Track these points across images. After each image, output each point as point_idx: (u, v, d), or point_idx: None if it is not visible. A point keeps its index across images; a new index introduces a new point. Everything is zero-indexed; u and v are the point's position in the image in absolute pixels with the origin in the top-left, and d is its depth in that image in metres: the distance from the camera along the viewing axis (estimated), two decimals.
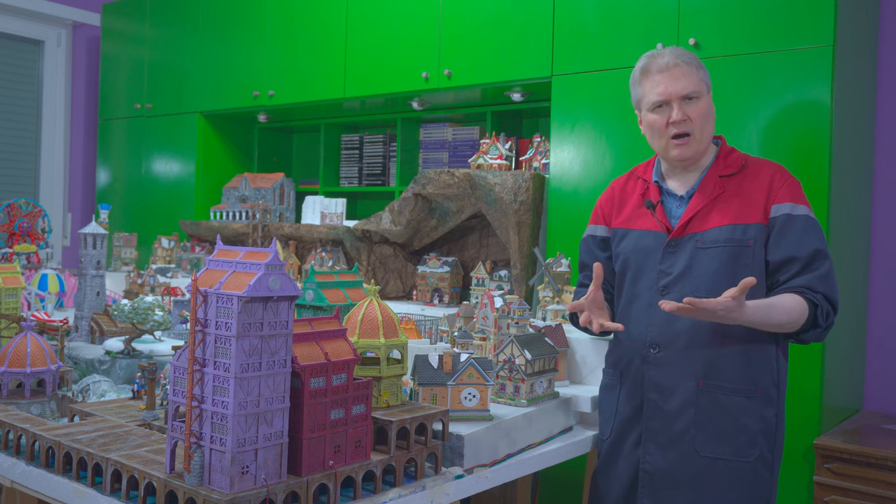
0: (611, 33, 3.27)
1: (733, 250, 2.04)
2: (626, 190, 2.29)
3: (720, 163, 2.15)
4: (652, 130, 2.16)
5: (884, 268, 3.25)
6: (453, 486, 1.72)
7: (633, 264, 2.18)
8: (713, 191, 2.10)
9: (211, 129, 4.96)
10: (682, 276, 2.08)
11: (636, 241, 2.18)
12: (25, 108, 5.59)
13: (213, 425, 1.36)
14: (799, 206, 2.05)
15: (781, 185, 2.07)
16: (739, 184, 2.10)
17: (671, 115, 2.09)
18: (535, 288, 2.86)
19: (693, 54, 2.15)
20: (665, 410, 2.08)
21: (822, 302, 1.99)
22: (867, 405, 3.25)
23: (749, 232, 2.04)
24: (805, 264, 2.01)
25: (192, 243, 4.63)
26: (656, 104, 2.12)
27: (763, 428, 2.06)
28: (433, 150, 4.42)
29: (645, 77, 2.15)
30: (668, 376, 2.08)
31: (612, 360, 2.24)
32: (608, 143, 3.26)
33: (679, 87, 2.09)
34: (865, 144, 3.20)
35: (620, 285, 2.24)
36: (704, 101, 2.11)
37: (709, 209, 2.09)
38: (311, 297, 1.92)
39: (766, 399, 2.07)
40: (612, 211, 2.29)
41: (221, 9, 4.79)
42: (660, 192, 2.19)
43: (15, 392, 1.96)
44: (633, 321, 2.16)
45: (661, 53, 2.15)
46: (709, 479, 2.04)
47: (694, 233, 2.09)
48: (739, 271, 2.03)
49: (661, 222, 2.14)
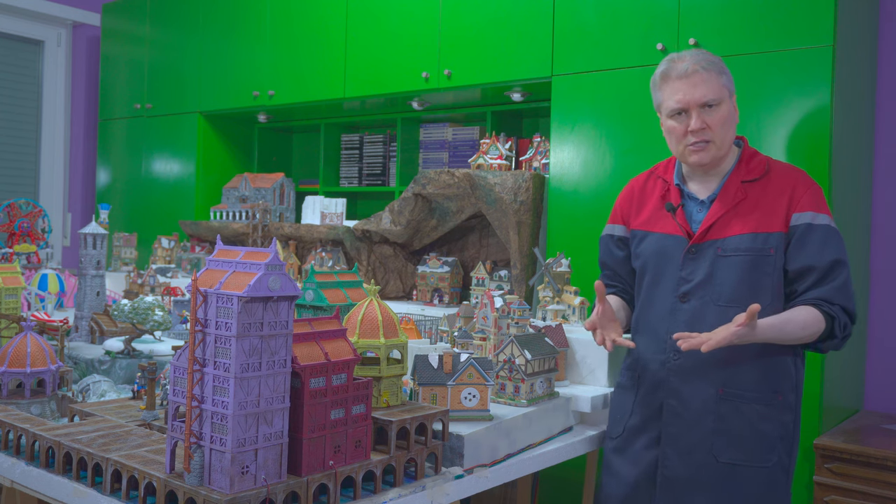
0: (611, 33, 3.27)
1: (754, 259, 2.02)
2: (645, 189, 2.26)
3: (742, 167, 2.11)
4: (670, 136, 2.13)
5: (884, 268, 3.25)
6: (453, 486, 1.72)
7: (653, 267, 2.16)
8: (734, 197, 2.07)
9: (211, 129, 4.96)
10: (703, 284, 2.06)
11: (656, 244, 2.15)
12: (25, 108, 5.59)
13: (213, 425, 1.36)
14: (820, 214, 2.02)
15: (804, 194, 2.04)
16: (762, 190, 2.07)
17: (690, 124, 2.06)
18: (535, 288, 2.86)
19: (717, 59, 2.10)
20: (684, 417, 2.07)
21: (839, 314, 1.98)
22: (867, 405, 3.25)
23: (770, 241, 2.02)
24: (823, 275, 1.99)
25: (192, 243, 4.63)
26: (675, 111, 2.08)
27: (782, 433, 2.05)
28: (433, 150, 4.42)
29: (665, 82, 2.11)
30: (688, 383, 2.07)
31: (630, 361, 2.23)
32: (608, 143, 3.26)
33: (698, 94, 2.04)
34: (865, 144, 3.20)
35: (639, 288, 2.22)
36: (725, 107, 2.06)
37: (730, 216, 2.06)
38: (311, 297, 1.92)
39: (785, 405, 2.06)
40: (630, 210, 2.27)
41: (221, 9, 4.79)
42: (681, 195, 2.16)
43: (15, 392, 1.96)
44: (652, 326, 2.14)
45: (681, 58, 2.10)
46: (728, 484, 2.04)
47: (715, 239, 2.06)
48: (760, 280, 2.02)
49: (682, 227, 2.11)
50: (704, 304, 2.05)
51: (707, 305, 2.05)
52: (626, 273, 2.30)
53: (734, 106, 2.11)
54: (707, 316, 2.04)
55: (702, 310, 2.05)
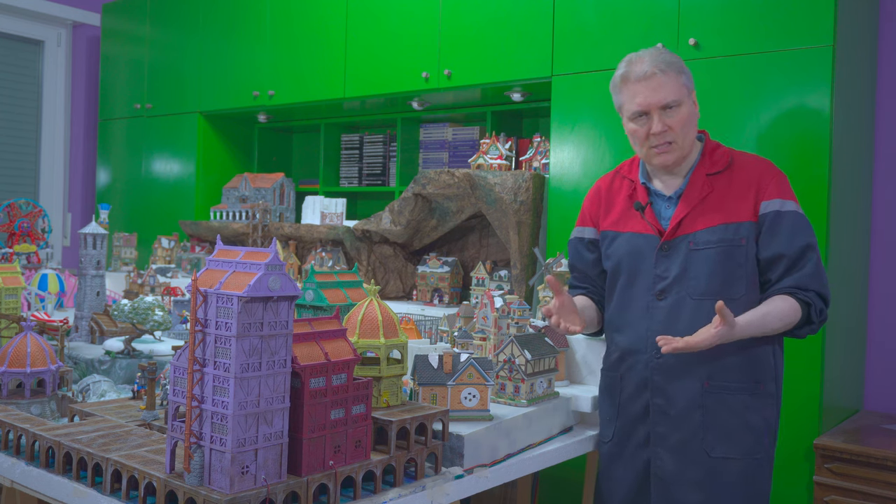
0: (611, 33, 3.27)
1: (726, 249, 2.04)
2: (612, 190, 2.27)
3: (706, 161, 2.13)
4: (633, 139, 2.15)
5: (883, 268, 3.25)
6: (453, 486, 1.72)
7: (626, 268, 2.17)
8: (701, 190, 2.09)
9: (211, 129, 4.96)
10: (678, 280, 2.07)
11: (628, 244, 2.17)
12: (25, 108, 5.59)
13: (213, 425, 1.36)
14: (788, 201, 2.06)
15: (770, 182, 2.07)
16: (727, 181, 2.10)
17: (651, 127, 2.07)
18: (535, 288, 2.86)
19: (675, 58, 2.11)
20: (671, 415, 2.08)
21: (814, 300, 2.01)
22: (867, 405, 3.25)
23: (741, 231, 2.04)
24: (793, 262, 2.02)
25: (192, 243, 4.63)
26: (636, 114, 2.09)
27: (766, 424, 2.08)
28: (433, 150, 4.42)
29: (625, 85, 2.12)
30: (673, 380, 2.08)
31: (610, 363, 2.23)
32: (608, 143, 3.26)
33: (658, 97, 2.05)
34: (865, 145, 3.20)
35: (612, 288, 2.22)
36: (686, 107, 2.08)
37: (698, 210, 2.08)
38: (311, 297, 1.92)
39: (767, 395, 2.09)
40: (599, 212, 2.28)
41: (221, 9, 4.79)
42: (648, 193, 2.17)
43: (15, 392, 1.96)
44: (630, 326, 2.15)
45: (640, 58, 2.10)
46: (720, 478, 2.05)
47: (686, 234, 2.08)
48: (734, 271, 2.04)
49: (652, 225, 2.13)
50: (680, 299, 2.06)
51: (683, 300, 2.06)
52: (595, 275, 2.31)
53: (694, 103, 2.12)
54: (683, 311, 2.06)
55: (678, 305, 2.06)
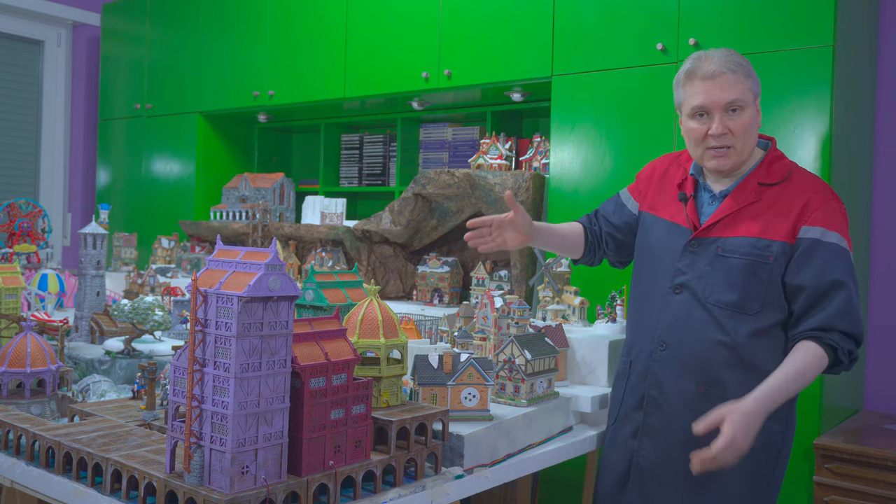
0: (611, 33, 3.27)
1: (752, 263, 1.96)
2: (668, 174, 2.21)
3: (763, 169, 2.03)
4: (689, 138, 2.05)
5: (883, 268, 3.25)
6: (453, 486, 1.72)
7: (657, 256, 2.13)
8: (748, 197, 2.01)
9: (211, 129, 4.96)
10: (696, 280, 2.02)
11: (664, 233, 2.13)
12: (25, 108, 5.59)
13: (213, 425, 1.36)
14: (831, 232, 1.94)
15: (818, 207, 1.95)
16: (778, 195, 2.00)
17: (711, 127, 1.99)
18: (535, 288, 2.86)
19: (744, 61, 2.01)
20: (664, 409, 2.07)
21: (840, 342, 1.90)
22: (867, 405, 3.25)
23: (772, 248, 1.95)
24: (819, 296, 1.92)
25: (192, 243, 4.63)
26: (697, 109, 2.00)
27: (763, 441, 1.96)
28: (433, 150, 4.42)
29: (689, 81, 2.02)
30: (671, 376, 2.06)
31: (626, 348, 2.23)
32: (608, 143, 3.26)
33: (723, 97, 1.96)
34: (865, 144, 3.20)
35: (640, 273, 2.21)
36: (749, 111, 1.98)
37: (738, 215, 2.00)
38: (311, 297, 1.92)
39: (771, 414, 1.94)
40: (647, 191, 2.24)
41: (221, 9, 4.79)
42: (696, 187, 2.12)
43: (15, 392, 1.96)
44: (646, 313, 2.14)
45: (709, 57, 2.00)
46: (696, 481, 1.98)
47: (718, 237, 2.01)
48: (754, 286, 1.96)
49: (690, 218, 2.08)
50: (693, 300, 2.03)
51: (696, 301, 2.02)
52: (608, 229, 2.31)
53: (758, 110, 2.04)
54: (694, 311, 2.02)
55: (689, 305, 2.03)
